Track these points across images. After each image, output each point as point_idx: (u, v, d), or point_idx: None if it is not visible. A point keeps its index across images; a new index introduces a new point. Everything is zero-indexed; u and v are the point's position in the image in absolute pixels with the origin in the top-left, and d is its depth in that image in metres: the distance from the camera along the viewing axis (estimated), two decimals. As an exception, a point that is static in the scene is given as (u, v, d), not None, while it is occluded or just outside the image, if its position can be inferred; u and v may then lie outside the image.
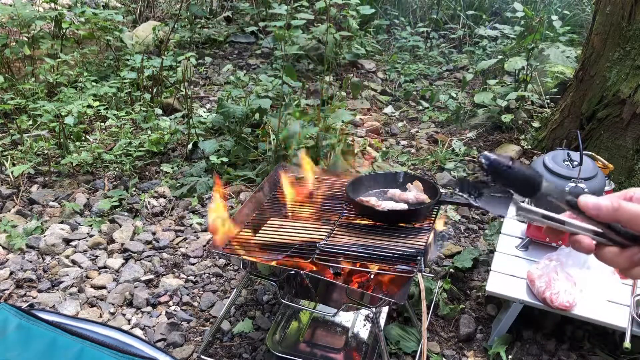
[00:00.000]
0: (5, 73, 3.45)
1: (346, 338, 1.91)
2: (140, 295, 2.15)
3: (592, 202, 0.67)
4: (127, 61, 3.70)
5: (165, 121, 3.24)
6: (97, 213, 2.64)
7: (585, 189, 1.87)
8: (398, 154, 3.29)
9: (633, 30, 2.63)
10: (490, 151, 3.19)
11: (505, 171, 0.71)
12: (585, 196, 0.68)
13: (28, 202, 2.73)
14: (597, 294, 1.89)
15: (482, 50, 4.65)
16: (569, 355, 1.98)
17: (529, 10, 4.31)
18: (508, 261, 2.06)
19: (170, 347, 1.96)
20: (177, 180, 2.92)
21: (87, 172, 2.97)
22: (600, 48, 2.79)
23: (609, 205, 0.66)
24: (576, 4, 5.13)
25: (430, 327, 2.09)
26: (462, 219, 2.73)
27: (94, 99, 3.15)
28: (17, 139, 3.09)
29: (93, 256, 2.39)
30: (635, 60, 2.63)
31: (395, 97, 4.10)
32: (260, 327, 2.04)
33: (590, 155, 2.20)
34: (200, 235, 2.55)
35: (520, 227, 2.22)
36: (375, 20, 5.13)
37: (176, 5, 5.34)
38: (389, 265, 1.62)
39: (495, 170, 0.71)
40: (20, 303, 2.11)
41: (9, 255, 2.37)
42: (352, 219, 1.84)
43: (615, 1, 2.71)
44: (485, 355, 1.97)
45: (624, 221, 0.66)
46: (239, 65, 4.49)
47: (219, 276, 2.30)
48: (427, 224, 1.80)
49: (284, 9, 3.39)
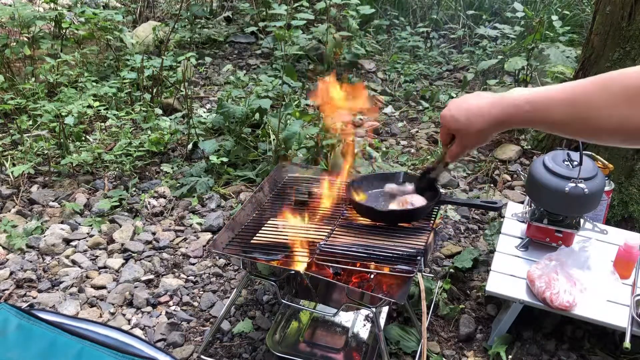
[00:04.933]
0: (5, 73, 3.45)
1: (346, 338, 1.91)
2: (140, 295, 2.16)
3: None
4: (127, 61, 3.70)
5: (165, 121, 3.24)
6: (97, 213, 2.64)
7: (585, 189, 1.87)
8: (398, 154, 3.30)
9: (633, 30, 2.63)
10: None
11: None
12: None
13: (28, 202, 2.73)
14: (597, 294, 1.89)
15: (482, 50, 4.64)
16: (569, 355, 1.98)
17: (529, 10, 4.31)
18: (508, 261, 2.06)
19: (170, 347, 1.96)
20: (177, 180, 2.92)
21: (87, 172, 2.97)
22: (600, 48, 2.79)
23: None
24: (576, 4, 5.13)
25: (430, 327, 2.09)
26: (462, 219, 2.73)
27: (94, 99, 3.15)
28: (17, 139, 3.09)
29: (93, 256, 2.39)
30: (635, 61, 2.62)
31: (395, 97, 4.10)
32: (260, 327, 2.04)
33: (590, 155, 2.20)
34: (200, 235, 2.55)
35: (520, 227, 2.22)
36: (375, 20, 5.13)
37: (176, 5, 5.34)
38: (389, 265, 1.62)
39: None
40: (20, 303, 2.11)
41: (9, 255, 2.37)
42: (352, 219, 1.84)
43: (615, 1, 2.71)
44: (485, 355, 1.97)
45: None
46: (239, 65, 4.49)
47: (219, 276, 2.30)
48: (427, 224, 1.80)
49: (284, 9, 3.39)
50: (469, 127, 1.06)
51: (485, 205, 2.00)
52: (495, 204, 1.80)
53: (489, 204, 1.87)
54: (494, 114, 1.00)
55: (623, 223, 2.63)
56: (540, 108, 0.93)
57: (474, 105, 1.05)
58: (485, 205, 1.96)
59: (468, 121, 1.06)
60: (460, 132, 1.10)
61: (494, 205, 1.81)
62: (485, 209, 2.67)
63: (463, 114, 1.07)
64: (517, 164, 3.21)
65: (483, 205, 2.00)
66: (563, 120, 0.90)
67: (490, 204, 1.85)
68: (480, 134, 1.05)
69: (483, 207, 2.22)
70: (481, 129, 1.04)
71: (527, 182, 2.07)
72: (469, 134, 1.07)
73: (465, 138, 1.11)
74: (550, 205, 1.99)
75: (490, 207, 1.95)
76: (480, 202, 2.07)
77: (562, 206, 1.96)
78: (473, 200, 2.57)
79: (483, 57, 4.42)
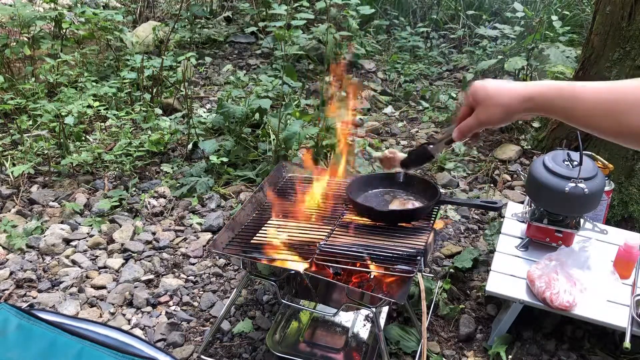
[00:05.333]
0: (5, 73, 3.45)
1: (346, 338, 1.91)
2: (140, 295, 2.16)
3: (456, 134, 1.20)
4: (127, 61, 3.70)
5: (165, 121, 3.24)
6: (97, 213, 2.64)
7: (585, 189, 1.87)
8: (398, 154, 3.29)
9: (633, 30, 2.63)
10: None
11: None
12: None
13: (28, 202, 2.73)
14: (597, 294, 1.89)
15: (482, 50, 4.64)
16: (569, 355, 1.98)
17: (529, 10, 4.31)
18: (508, 261, 2.06)
19: (170, 347, 1.96)
20: (177, 180, 2.92)
21: (87, 172, 2.97)
22: (600, 48, 2.79)
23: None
24: (576, 4, 5.13)
25: (430, 327, 2.09)
26: (462, 219, 2.73)
27: (94, 99, 3.15)
28: (17, 139, 3.09)
29: (93, 256, 2.39)
30: (635, 61, 2.62)
31: (395, 97, 4.10)
32: (260, 327, 2.04)
33: (590, 155, 2.20)
34: (200, 235, 2.55)
35: (520, 227, 2.22)
36: (375, 20, 5.12)
37: (176, 5, 5.34)
38: (389, 265, 1.62)
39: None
40: (20, 303, 2.11)
41: (9, 255, 2.37)
42: (352, 219, 1.84)
43: (615, 1, 2.71)
44: (485, 355, 1.97)
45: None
46: (239, 65, 4.49)
47: (219, 276, 2.30)
48: (427, 224, 1.80)
49: (284, 9, 3.39)
50: (495, 97, 1.07)
51: (485, 205, 2.00)
52: (495, 204, 1.80)
53: (489, 204, 1.88)
54: (524, 90, 1.03)
55: (623, 223, 2.63)
56: (571, 95, 0.95)
57: (506, 83, 1.09)
58: (485, 205, 1.96)
59: (496, 92, 1.07)
60: (485, 102, 1.10)
61: (494, 205, 1.82)
62: (485, 209, 2.67)
63: (493, 85, 1.09)
64: (517, 164, 3.21)
65: (483, 205, 2.00)
66: (592, 111, 0.92)
67: (490, 204, 1.85)
68: (504, 109, 1.06)
69: (483, 207, 2.22)
70: (508, 104, 1.05)
71: (527, 182, 2.07)
72: (492, 106, 1.08)
73: (486, 110, 1.10)
74: (550, 205, 1.99)
75: (490, 207, 1.95)
76: (480, 202, 2.07)
77: (562, 206, 1.96)
78: (473, 200, 2.57)
79: (483, 57, 4.42)
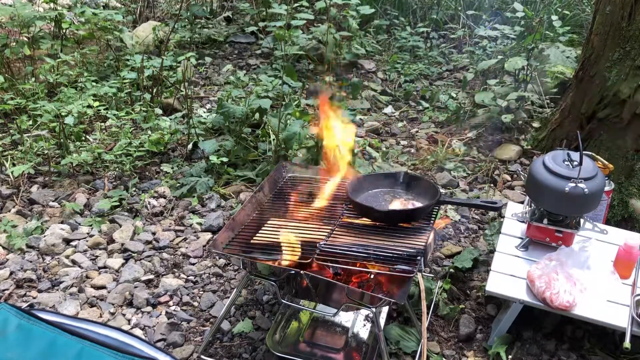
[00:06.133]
0: (5, 73, 3.45)
1: (346, 338, 1.91)
2: (140, 295, 2.16)
3: None
4: (127, 61, 3.70)
5: (165, 121, 3.24)
6: (97, 213, 2.64)
7: (585, 189, 1.87)
8: (398, 154, 3.29)
9: (633, 30, 2.63)
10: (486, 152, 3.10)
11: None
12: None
13: (28, 202, 2.73)
14: (597, 294, 1.89)
15: (482, 50, 4.64)
16: (569, 355, 1.98)
17: (529, 10, 4.31)
18: (508, 261, 2.06)
19: (170, 347, 1.96)
20: (177, 180, 2.92)
21: (87, 172, 2.97)
22: (600, 48, 2.79)
23: None
24: (576, 4, 5.13)
25: (430, 327, 2.09)
26: (462, 219, 2.73)
27: (94, 99, 3.15)
28: (17, 139, 3.09)
29: (93, 256, 2.39)
30: (635, 60, 2.62)
31: (395, 97, 4.10)
32: (260, 327, 2.04)
33: (590, 155, 2.20)
34: (200, 235, 2.55)
35: (520, 227, 2.22)
36: (375, 20, 5.12)
37: (176, 5, 5.34)
38: (388, 265, 1.62)
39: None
40: (20, 303, 2.11)
41: (9, 255, 2.37)
42: (352, 219, 1.84)
43: (615, 1, 2.71)
44: (485, 355, 1.97)
45: None
46: (239, 65, 4.49)
47: (219, 276, 2.30)
48: (427, 224, 1.80)
49: (284, 9, 3.39)
50: None
51: (485, 205, 2.00)
52: (495, 204, 1.80)
53: (489, 204, 1.88)
54: None
55: (623, 223, 2.63)
56: None
57: None
58: (485, 205, 1.97)
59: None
60: None
61: (494, 205, 1.82)
62: (485, 209, 2.68)
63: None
64: (517, 164, 3.21)
65: (483, 205, 2.00)
66: None
67: (490, 204, 1.85)
68: None
69: (483, 207, 2.23)
70: None
71: (527, 182, 2.07)
72: None
73: None
74: (550, 205, 1.99)
75: (490, 207, 1.95)
76: (480, 202, 2.07)
77: (562, 206, 1.96)
78: (473, 200, 2.57)
79: (483, 57, 4.42)
